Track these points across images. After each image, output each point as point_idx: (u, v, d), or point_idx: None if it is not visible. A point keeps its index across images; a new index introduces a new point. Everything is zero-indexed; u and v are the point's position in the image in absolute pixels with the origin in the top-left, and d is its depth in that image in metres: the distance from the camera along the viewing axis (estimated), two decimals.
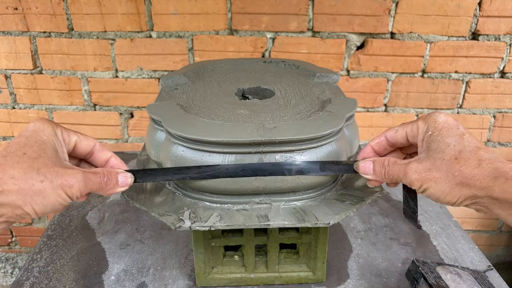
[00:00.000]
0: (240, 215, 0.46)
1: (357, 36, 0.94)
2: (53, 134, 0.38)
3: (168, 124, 0.46)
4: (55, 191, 0.35)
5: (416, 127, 0.40)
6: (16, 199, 0.33)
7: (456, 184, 0.36)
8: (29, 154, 0.34)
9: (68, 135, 0.40)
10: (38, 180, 0.34)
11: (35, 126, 0.37)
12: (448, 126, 0.38)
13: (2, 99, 1.01)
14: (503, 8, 0.90)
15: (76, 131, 0.41)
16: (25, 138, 0.36)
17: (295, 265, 0.57)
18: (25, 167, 0.34)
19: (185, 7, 0.91)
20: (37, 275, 0.59)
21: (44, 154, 0.35)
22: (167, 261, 0.62)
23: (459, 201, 0.37)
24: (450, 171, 0.36)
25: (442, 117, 0.39)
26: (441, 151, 0.37)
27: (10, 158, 0.34)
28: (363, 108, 1.02)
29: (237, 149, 0.44)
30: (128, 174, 0.42)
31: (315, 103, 0.54)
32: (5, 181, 0.33)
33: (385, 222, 0.72)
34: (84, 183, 0.37)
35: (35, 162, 0.34)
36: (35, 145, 0.35)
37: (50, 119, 0.39)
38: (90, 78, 0.98)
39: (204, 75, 0.66)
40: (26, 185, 0.33)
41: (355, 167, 0.44)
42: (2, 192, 0.32)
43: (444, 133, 0.38)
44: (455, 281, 0.52)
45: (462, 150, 0.36)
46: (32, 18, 0.92)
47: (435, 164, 0.37)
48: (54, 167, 0.35)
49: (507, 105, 1.02)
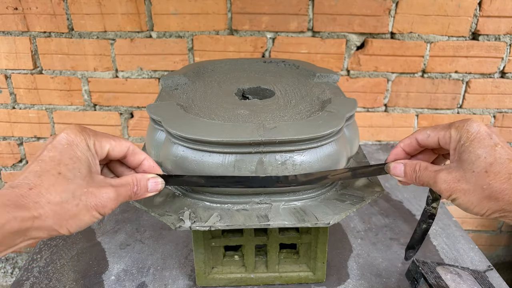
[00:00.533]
0: (240, 215, 0.46)
1: (357, 36, 0.94)
2: (87, 148, 0.37)
3: (168, 124, 0.46)
4: (90, 212, 0.35)
5: (449, 135, 0.40)
6: (53, 224, 0.33)
7: (485, 197, 0.36)
8: (64, 174, 0.34)
9: (101, 145, 0.38)
10: (74, 204, 0.34)
11: (69, 139, 0.36)
12: (480, 136, 0.37)
13: (2, 99, 1.01)
14: (503, 8, 0.90)
15: (109, 137, 0.40)
16: (59, 153, 0.35)
17: (295, 265, 0.57)
18: (61, 190, 0.33)
19: (185, 7, 0.91)
20: (37, 275, 0.59)
21: (78, 173, 0.35)
22: (167, 261, 0.62)
23: (488, 213, 0.37)
24: (479, 184, 0.36)
25: (475, 126, 0.38)
26: (471, 162, 0.37)
27: (46, 178, 0.33)
28: (363, 108, 1.02)
29: (237, 149, 0.44)
30: (159, 179, 0.42)
31: (315, 103, 0.54)
32: (42, 205, 0.32)
33: (385, 222, 0.72)
34: (116, 201, 0.37)
35: (70, 183, 0.34)
36: (70, 163, 0.35)
37: (83, 127, 0.37)
38: (90, 78, 0.98)
39: (204, 75, 0.66)
40: (62, 210, 0.33)
41: (386, 169, 0.44)
42: (39, 217, 0.32)
43: (475, 144, 0.37)
44: (455, 281, 0.52)
45: (493, 162, 0.36)
46: (32, 18, 0.92)
47: (465, 175, 0.37)
48: (88, 187, 0.35)
49: (507, 105, 1.02)
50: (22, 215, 0.31)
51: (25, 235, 0.32)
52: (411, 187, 0.84)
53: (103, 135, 0.39)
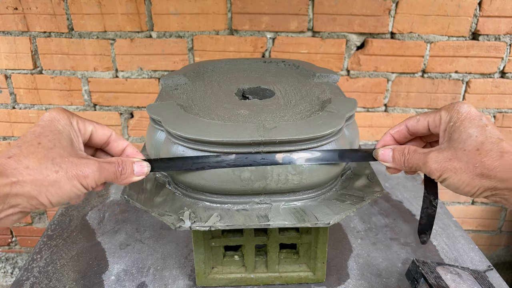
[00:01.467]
0: (240, 215, 0.46)
1: (357, 36, 0.94)
2: (69, 124, 0.37)
3: (168, 124, 0.46)
4: (70, 181, 0.34)
5: (439, 117, 0.40)
6: (31, 189, 0.33)
7: (477, 175, 0.36)
8: (44, 144, 0.34)
9: (84, 125, 0.39)
10: (53, 170, 0.34)
11: (50, 116, 0.37)
12: (471, 116, 0.38)
13: (2, 99, 1.01)
14: (503, 8, 0.90)
15: (92, 121, 0.40)
16: (40, 127, 0.36)
17: (295, 265, 0.57)
18: (40, 157, 0.33)
19: (185, 7, 0.91)
20: (37, 275, 0.59)
21: (59, 144, 0.35)
22: (167, 261, 0.62)
23: (479, 192, 0.37)
24: (471, 162, 0.36)
25: (465, 107, 0.38)
26: (462, 141, 0.37)
27: (25, 148, 0.34)
28: (363, 108, 1.02)
29: (237, 149, 0.44)
30: (144, 163, 0.42)
31: (315, 103, 0.54)
32: (20, 171, 0.32)
33: (385, 222, 0.72)
34: (99, 173, 0.36)
35: (50, 152, 0.34)
36: (50, 135, 0.35)
37: (66, 109, 0.39)
38: (90, 78, 0.98)
39: (204, 75, 0.66)
40: (41, 176, 0.33)
41: (374, 155, 0.44)
42: (17, 182, 0.32)
43: (466, 124, 0.37)
44: (455, 281, 0.52)
45: (484, 141, 0.36)
46: (32, 18, 0.92)
47: (456, 154, 0.37)
48: (69, 157, 0.35)
49: (507, 105, 1.02)
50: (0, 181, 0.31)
51: (4, 202, 0.32)
52: (411, 187, 0.84)
53: (87, 119, 0.40)
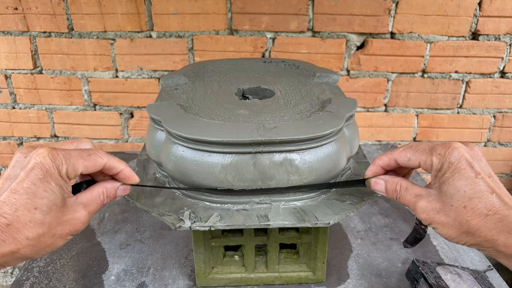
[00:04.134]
0: (240, 215, 0.46)
1: (357, 36, 0.94)
2: (59, 178, 0.36)
3: (168, 124, 0.46)
4: (64, 238, 0.37)
5: (430, 162, 0.39)
6: (30, 255, 0.35)
7: (463, 232, 0.36)
8: (40, 209, 0.34)
9: (74, 169, 0.37)
10: (50, 236, 0.36)
11: (43, 170, 0.35)
12: (461, 166, 0.36)
13: (2, 99, 1.01)
14: (503, 8, 0.90)
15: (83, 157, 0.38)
16: (34, 185, 0.34)
17: (295, 265, 0.57)
18: (38, 226, 0.34)
19: (185, 7, 0.91)
20: (37, 275, 0.59)
21: (54, 206, 0.35)
22: (167, 261, 0.62)
23: (466, 245, 0.38)
24: (457, 219, 0.36)
25: (456, 155, 0.37)
26: (450, 196, 0.37)
27: (22, 214, 0.34)
28: (363, 108, 1.02)
29: (237, 149, 0.44)
30: (127, 186, 0.43)
31: (315, 103, 0.54)
32: (20, 241, 0.34)
33: (385, 222, 0.72)
34: (88, 218, 0.39)
35: (46, 218, 0.35)
36: (46, 197, 0.35)
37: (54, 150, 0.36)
38: (90, 78, 0.98)
39: (204, 75, 0.66)
40: (39, 243, 0.35)
41: (367, 185, 0.45)
42: (18, 251, 0.34)
43: (455, 176, 0.36)
44: (455, 281, 0.52)
45: (473, 197, 0.36)
46: (32, 18, 0.92)
47: (444, 208, 0.37)
48: (63, 217, 0.36)
49: (507, 105, 1.02)
50: (2, 251, 0.33)
51: (2, 266, 0.35)
52: None
53: (77, 157, 0.37)
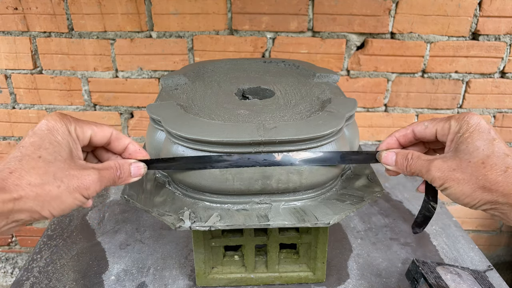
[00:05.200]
0: (240, 215, 0.46)
1: (357, 36, 0.94)
2: (67, 133, 0.37)
3: (168, 124, 0.46)
4: (72, 194, 0.35)
5: (448, 126, 0.40)
6: (34, 205, 0.33)
7: (479, 188, 0.36)
8: (45, 157, 0.34)
9: (82, 131, 0.39)
10: (55, 185, 0.34)
11: (49, 125, 0.36)
12: (480, 129, 0.38)
13: (2, 99, 1.01)
14: (503, 8, 0.90)
15: (91, 123, 0.40)
16: (39, 138, 0.35)
17: (295, 265, 0.57)
18: (41, 172, 0.34)
19: (185, 7, 0.91)
20: (37, 275, 0.59)
21: (59, 157, 0.35)
22: (167, 261, 0.62)
23: (479, 205, 0.37)
24: (474, 174, 0.36)
25: (475, 119, 0.38)
26: (468, 153, 0.37)
27: (26, 162, 0.34)
28: (363, 108, 1.02)
29: (237, 149, 0.44)
30: (140, 164, 0.42)
31: (315, 103, 0.54)
32: (23, 187, 0.33)
33: (385, 222, 0.72)
34: (99, 183, 0.37)
35: (51, 166, 0.34)
36: (50, 147, 0.35)
37: (64, 113, 0.38)
38: (90, 78, 0.98)
39: (204, 75, 0.66)
40: (44, 191, 0.33)
41: (378, 157, 0.44)
42: (20, 199, 0.32)
43: (475, 136, 0.37)
44: (455, 281, 0.52)
45: (490, 155, 0.36)
46: (32, 18, 0.92)
47: (460, 165, 0.37)
48: (69, 170, 0.35)
49: (507, 105, 1.02)
50: (3, 197, 0.31)
51: (8, 218, 0.33)
52: (411, 187, 0.84)
53: (85, 121, 0.39)
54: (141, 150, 0.43)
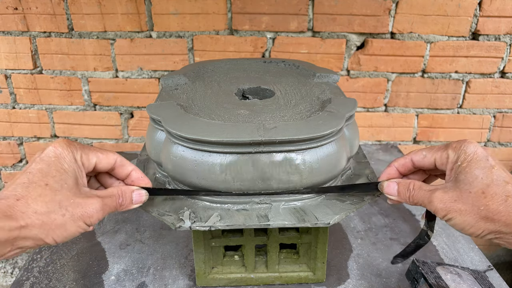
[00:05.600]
0: (240, 215, 0.46)
1: (357, 36, 0.94)
2: (73, 161, 0.37)
3: (168, 124, 0.46)
4: (76, 223, 0.36)
5: (446, 156, 0.40)
6: (39, 233, 0.34)
7: (481, 218, 0.36)
8: (51, 185, 0.35)
9: (88, 158, 0.39)
10: (60, 214, 0.35)
11: (56, 152, 0.37)
12: (478, 157, 0.38)
13: (2, 99, 1.01)
14: (503, 8, 0.90)
15: (96, 150, 0.41)
16: (47, 165, 0.36)
17: (295, 265, 0.57)
18: (48, 200, 0.34)
19: (185, 7, 0.91)
20: (37, 275, 0.59)
21: (65, 185, 0.36)
22: (167, 261, 0.62)
23: (483, 234, 0.37)
24: (476, 204, 0.36)
25: (472, 147, 0.38)
26: (468, 183, 0.37)
27: (33, 189, 0.34)
28: (363, 108, 1.02)
29: (237, 149, 0.44)
30: (142, 191, 0.43)
31: (315, 103, 0.54)
32: (29, 215, 0.33)
33: (385, 222, 0.72)
34: (102, 211, 0.38)
35: (57, 194, 0.35)
36: (57, 175, 0.35)
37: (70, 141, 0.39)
38: (90, 78, 0.98)
39: (204, 75, 0.66)
40: (49, 220, 0.34)
41: (380, 188, 0.45)
42: (26, 227, 0.33)
43: (473, 165, 0.37)
44: (455, 281, 0.52)
45: (490, 184, 0.36)
46: (32, 18, 0.92)
47: (461, 196, 0.37)
48: (74, 198, 0.36)
49: (507, 105, 1.02)
50: (10, 225, 0.32)
51: (13, 245, 0.33)
52: None
53: (91, 148, 0.40)
54: (144, 177, 0.44)
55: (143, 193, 0.43)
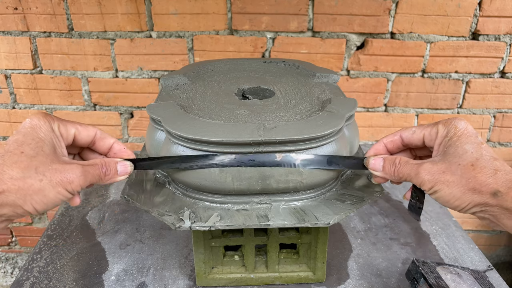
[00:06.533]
0: (240, 215, 0.46)
1: (357, 36, 0.94)
2: (50, 130, 0.37)
3: (168, 124, 0.46)
4: (55, 188, 0.35)
5: (436, 130, 0.41)
6: (16, 199, 0.33)
7: (469, 190, 0.36)
8: (27, 153, 0.34)
9: (66, 128, 0.39)
10: (37, 179, 0.34)
11: (32, 123, 0.37)
12: (468, 133, 0.39)
13: (2, 99, 1.01)
14: (503, 8, 0.90)
15: (75, 122, 0.41)
16: (22, 135, 0.36)
17: (295, 265, 0.57)
18: (23, 166, 0.34)
19: (185, 7, 0.91)
20: (37, 275, 0.59)
21: (41, 152, 0.35)
22: (167, 261, 0.62)
23: (468, 207, 0.37)
24: (464, 176, 0.36)
25: (463, 124, 0.39)
26: (458, 156, 0.37)
27: (8, 157, 0.34)
28: (363, 108, 1.02)
29: (237, 149, 0.44)
30: (127, 162, 0.43)
31: (315, 103, 0.54)
32: (5, 181, 0.33)
33: (385, 222, 0.72)
34: (83, 177, 0.37)
35: (33, 160, 0.34)
36: (33, 143, 0.35)
37: (47, 113, 0.39)
38: (90, 78, 0.98)
39: (204, 75, 0.66)
40: (26, 185, 0.33)
41: (365, 163, 0.44)
42: (2, 192, 0.33)
43: (463, 139, 0.38)
44: (455, 281, 0.52)
45: (479, 158, 0.37)
46: (32, 18, 0.92)
47: (450, 167, 0.37)
48: (52, 164, 0.35)
49: (507, 105, 1.02)
50: None
51: None
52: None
53: (69, 121, 0.40)
54: (126, 149, 0.44)
55: (127, 163, 0.42)
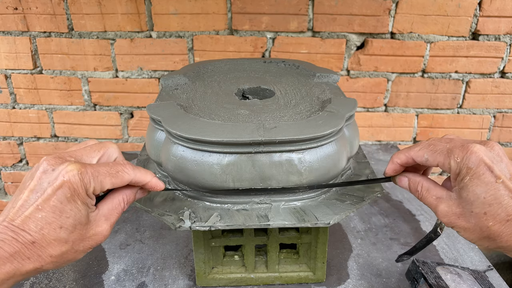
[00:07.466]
0: (240, 215, 0.46)
1: (357, 36, 0.94)
2: (86, 197, 0.36)
3: (168, 124, 0.46)
4: (85, 252, 0.38)
5: (448, 166, 0.38)
6: (51, 269, 0.36)
7: (484, 237, 0.37)
8: (66, 228, 0.35)
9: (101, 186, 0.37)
10: (72, 252, 0.36)
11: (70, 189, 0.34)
12: (480, 172, 0.36)
13: (2, 99, 1.01)
14: (503, 8, 0.90)
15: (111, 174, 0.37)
16: (61, 204, 0.34)
17: (295, 265, 0.57)
18: (61, 245, 0.35)
19: (185, 7, 0.91)
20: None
21: (79, 226, 0.36)
22: (167, 261, 0.62)
23: (487, 248, 0.38)
24: (478, 225, 0.37)
25: (474, 160, 0.36)
26: (470, 202, 0.37)
27: (47, 232, 0.34)
28: (363, 108, 1.02)
29: (237, 149, 0.44)
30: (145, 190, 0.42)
31: (315, 103, 0.54)
32: (44, 258, 0.34)
33: (385, 222, 0.72)
34: (110, 230, 0.39)
35: (70, 236, 0.35)
36: (71, 216, 0.35)
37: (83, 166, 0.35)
38: (90, 78, 0.98)
39: (204, 75, 0.66)
40: (62, 260, 0.36)
41: (393, 181, 0.45)
42: (41, 268, 0.35)
43: (475, 181, 0.36)
44: (455, 281, 0.52)
45: (492, 203, 0.36)
46: (32, 18, 0.92)
47: (464, 214, 0.38)
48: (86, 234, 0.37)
49: (507, 105, 1.02)
50: (27, 268, 0.34)
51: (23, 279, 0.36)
52: None
53: (105, 174, 0.37)
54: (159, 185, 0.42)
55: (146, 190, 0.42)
